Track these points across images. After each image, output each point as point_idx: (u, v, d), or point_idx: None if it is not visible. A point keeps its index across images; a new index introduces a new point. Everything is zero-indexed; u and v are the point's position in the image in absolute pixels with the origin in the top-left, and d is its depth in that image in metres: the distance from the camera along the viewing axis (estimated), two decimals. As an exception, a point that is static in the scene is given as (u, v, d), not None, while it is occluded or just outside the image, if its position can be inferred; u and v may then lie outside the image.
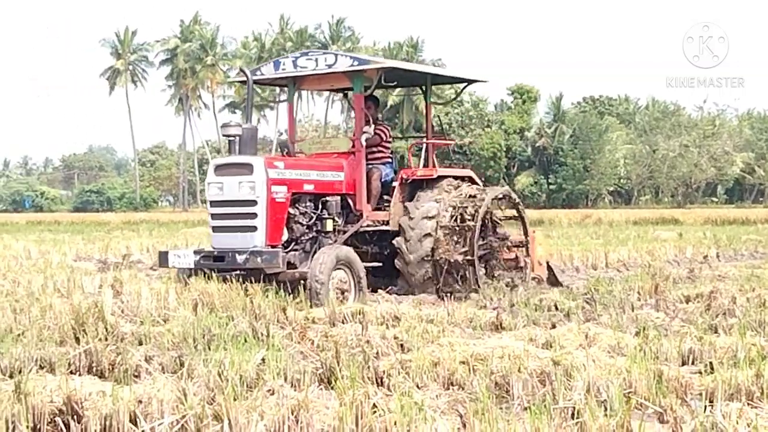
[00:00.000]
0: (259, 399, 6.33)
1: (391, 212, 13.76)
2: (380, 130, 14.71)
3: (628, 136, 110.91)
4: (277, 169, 12.26)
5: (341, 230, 13.23)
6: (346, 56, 13.67)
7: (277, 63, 14.04)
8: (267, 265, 11.67)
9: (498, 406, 6.06)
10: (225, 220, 12.43)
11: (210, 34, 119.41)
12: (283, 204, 12.26)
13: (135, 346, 8.94)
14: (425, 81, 15.75)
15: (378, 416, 5.82)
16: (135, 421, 6.19)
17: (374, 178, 13.95)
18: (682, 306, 12.13)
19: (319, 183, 13.11)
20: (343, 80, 14.10)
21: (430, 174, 14.28)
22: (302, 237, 12.80)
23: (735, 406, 6.10)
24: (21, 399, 6.56)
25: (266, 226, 12.00)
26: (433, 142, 16.04)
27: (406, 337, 9.18)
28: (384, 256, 13.96)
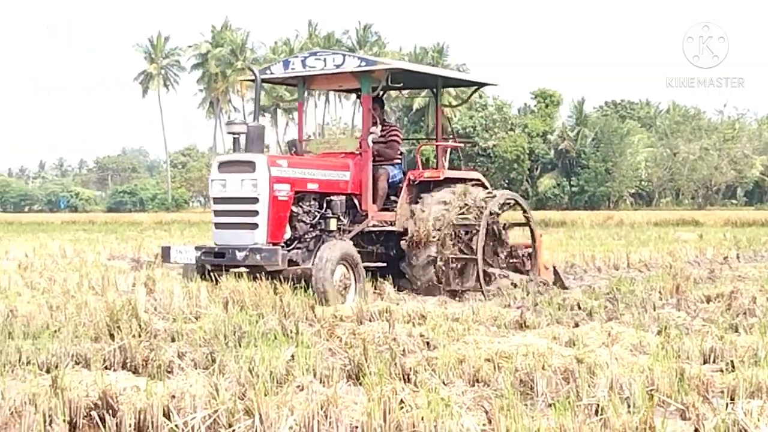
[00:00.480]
0: (288, 394, 6.34)
1: (398, 213, 13.66)
2: (394, 132, 14.69)
3: (649, 139, 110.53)
4: (280, 168, 12.15)
5: (346, 230, 13.13)
6: (354, 57, 13.58)
7: (286, 62, 13.97)
8: (266, 263, 11.60)
9: (523, 403, 6.05)
10: (227, 216, 12.35)
11: (240, 40, 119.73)
12: (285, 202, 12.18)
13: (168, 343, 8.97)
14: (436, 84, 15.64)
15: (405, 412, 5.82)
16: (168, 416, 6.22)
17: (381, 179, 13.83)
18: (702, 306, 12.09)
19: (324, 182, 13.00)
20: (351, 81, 14.00)
21: (437, 176, 14.16)
22: (305, 235, 12.72)
23: (756, 403, 6.07)
24: (58, 393, 6.60)
25: (268, 223, 11.91)
26: (443, 144, 15.98)
27: (432, 335, 9.18)
28: (390, 257, 13.90)
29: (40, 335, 9.20)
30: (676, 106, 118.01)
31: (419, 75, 14.69)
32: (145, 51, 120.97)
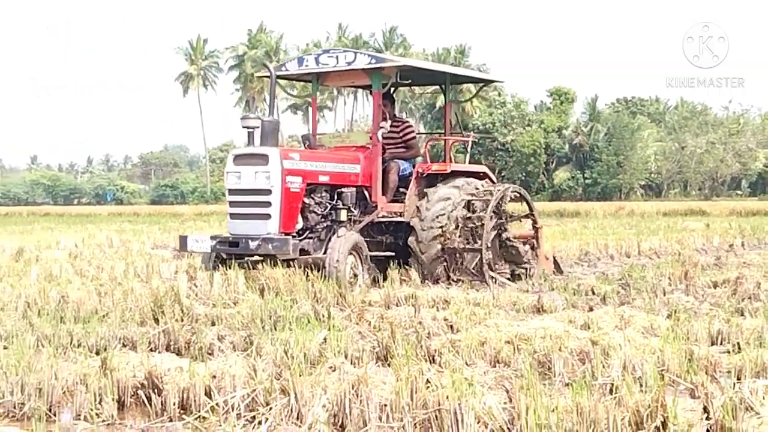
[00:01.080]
0: (322, 375, 6.36)
1: (406, 205, 13.53)
2: (408, 127, 14.62)
3: (658, 134, 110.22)
4: (292, 160, 12.02)
5: (357, 220, 13.00)
6: (365, 54, 13.44)
7: (300, 60, 13.79)
8: (278, 252, 11.52)
9: (541, 382, 6.04)
10: (241, 207, 12.22)
11: (274, 42, 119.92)
12: (297, 194, 12.05)
13: (208, 327, 9.01)
14: (444, 80, 15.50)
15: (431, 391, 5.82)
16: (210, 395, 6.25)
17: (392, 172, 13.72)
18: (710, 291, 12.06)
19: (335, 174, 12.87)
20: (362, 77, 13.87)
21: (444, 169, 14.02)
22: (317, 226, 12.61)
23: (762, 383, 6.05)
24: (107, 374, 6.65)
25: (280, 214, 11.78)
26: (451, 138, 16.00)
27: (455, 319, 9.18)
28: (398, 246, 13.71)
29: (89, 320, 9.24)
30: (684, 103, 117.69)
31: (427, 72, 14.62)
32: (185, 53, 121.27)
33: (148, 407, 6.33)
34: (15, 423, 5.87)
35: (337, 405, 5.92)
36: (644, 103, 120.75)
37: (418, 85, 16.12)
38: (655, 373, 6.25)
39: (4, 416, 6.25)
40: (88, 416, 6.16)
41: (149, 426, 5.97)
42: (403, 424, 5.67)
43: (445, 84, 15.57)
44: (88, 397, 6.31)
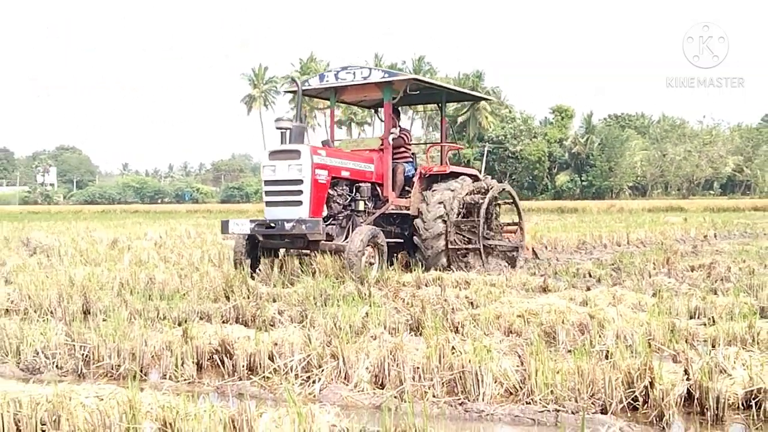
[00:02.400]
0: (365, 343, 6.37)
1: (412, 200, 13.28)
2: (404, 134, 14.18)
3: (643, 143, 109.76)
4: (321, 156, 11.80)
5: (371, 212, 12.81)
6: (379, 70, 13.13)
7: (322, 76, 13.56)
8: (309, 232, 11.23)
9: (547, 349, 6.04)
10: (276, 196, 11.87)
11: (323, 69, 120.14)
12: (324, 185, 11.82)
13: (270, 303, 9.03)
14: (441, 97, 15.05)
15: (456, 356, 5.83)
16: (272, 359, 6.28)
17: (399, 172, 13.51)
18: (688, 274, 11.99)
19: (354, 171, 12.64)
20: (375, 91, 13.47)
21: (444, 170, 13.76)
22: (339, 214, 12.42)
23: (732, 350, 6.03)
24: (187, 341, 6.70)
25: (310, 201, 11.54)
26: (448, 145, 15.50)
27: (475, 297, 9.16)
28: (404, 235, 13.50)
29: (172, 297, 9.30)
30: (665, 117, 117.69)
31: (430, 88, 13.96)
32: (249, 79, 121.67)
33: (222, 369, 6.38)
34: (113, 381, 5.91)
35: (377, 367, 5.94)
36: (631, 118, 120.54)
37: (420, 102, 15.99)
38: (643, 342, 6.23)
39: (104, 376, 6.31)
40: (172, 376, 6.23)
41: (222, 384, 6.01)
42: (432, 383, 5.68)
43: (441, 101, 15.20)
44: (172, 360, 6.36)
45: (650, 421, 5.05)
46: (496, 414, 5.19)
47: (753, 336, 6.73)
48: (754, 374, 5.42)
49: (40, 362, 6.58)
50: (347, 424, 4.52)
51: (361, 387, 5.78)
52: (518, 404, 5.33)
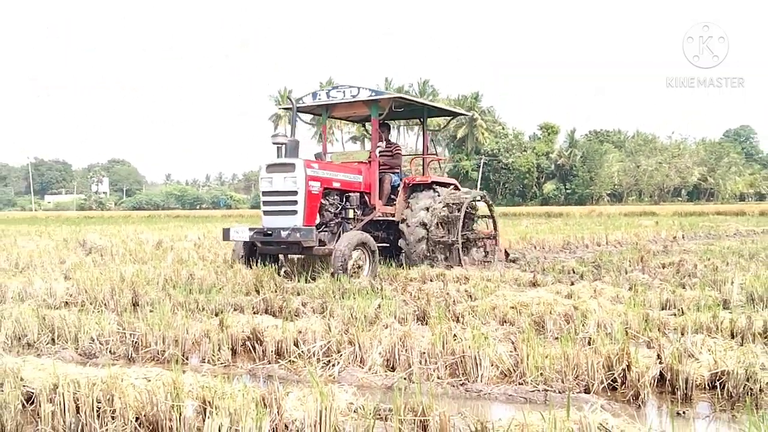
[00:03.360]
0: (377, 331, 6.37)
1: (397, 207, 13.02)
2: (397, 149, 13.98)
3: (620, 156, 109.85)
4: (313, 169, 11.53)
5: (360, 219, 12.50)
6: (366, 89, 12.63)
7: (315, 94, 13.12)
8: (303, 239, 10.96)
9: (537, 336, 6.03)
10: (273, 206, 11.56)
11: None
12: (317, 195, 11.53)
13: (295, 296, 9.04)
14: (422, 113, 14.47)
15: (457, 342, 5.83)
16: (297, 344, 6.30)
17: (386, 182, 13.24)
18: (659, 270, 11.96)
19: (344, 182, 12.30)
20: (363, 108, 13.16)
21: (426, 180, 13.45)
22: (331, 221, 12.09)
23: (699, 337, 6.02)
24: (223, 330, 6.71)
25: (304, 210, 11.26)
26: (428, 157, 14.88)
27: (473, 291, 9.15)
28: (390, 240, 13.20)
29: (210, 291, 9.32)
30: (639, 133, 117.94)
31: (413, 105, 13.57)
32: (275, 100, 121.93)
33: (253, 354, 6.40)
34: (159, 365, 5.93)
35: (388, 352, 5.95)
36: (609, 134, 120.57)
37: (404, 118, 15.34)
38: (621, 330, 6.22)
39: (151, 360, 6.33)
40: (210, 360, 6.24)
41: (254, 367, 6.02)
42: (437, 366, 5.69)
43: (423, 116, 14.63)
44: (210, 346, 6.38)
45: (627, 399, 5.05)
46: (492, 393, 5.20)
47: (717, 325, 6.71)
48: (718, 358, 5.41)
49: (96, 348, 6.61)
50: (363, 402, 4.53)
51: (374, 370, 5.78)
52: (512, 385, 5.33)
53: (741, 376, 5.15)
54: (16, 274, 11.75)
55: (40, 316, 7.40)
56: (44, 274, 11.49)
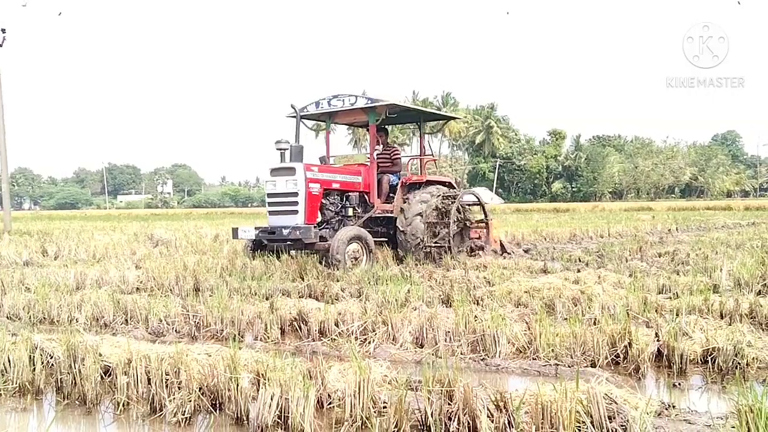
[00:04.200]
0: (407, 312, 6.37)
1: (395, 204, 12.56)
2: (395, 152, 13.49)
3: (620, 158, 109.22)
4: (313, 172, 11.25)
5: (360, 216, 12.18)
6: (364, 98, 12.26)
7: (318, 103, 12.60)
8: (303, 236, 10.68)
9: (548, 317, 5.99)
10: (277, 206, 11.32)
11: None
12: (317, 196, 11.26)
13: (335, 282, 9.06)
14: (419, 118, 14.05)
15: (478, 322, 5.82)
16: (338, 325, 6.31)
17: (384, 182, 12.85)
18: (656, 259, 11.85)
19: (344, 183, 12.00)
20: (361, 115, 12.78)
21: (421, 179, 13.08)
22: (332, 219, 11.85)
23: (692, 317, 5.98)
24: (273, 312, 6.74)
25: (305, 210, 11.02)
26: (425, 158, 14.43)
27: (491, 277, 9.12)
28: (389, 234, 12.79)
29: (261, 278, 9.37)
30: (637, 138, 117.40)
31: (408, 111, 13.09)
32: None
33: (299, 333, 6.43)
34: (218, 342, 5.97)
35: (417, 331, 5.95)
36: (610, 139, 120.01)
37: (402, 122, 14.82)
38: (623, 312, 6.18)
39: (211, 338, 6.37)
40: (262, 338, 6.28)
41: (300, 344, 6.04)
42: (460, 343, 5.68)
43: (419, 121, 14.27)
44: (262, 326, 6.42)
45: (629, 373, 5.01)
46: (509, 367, 5.18)
47: (708, 307, 6.64)
48: (709, 336, 5.37)
49: (163, 327, 6.68)
50: (395, 375, 4.54)
51: (405, 346, 5.79)
52: (526, 360, 5.31)
53: (730, 352, 5.11)
54: (94, 264, 11.90)
55: (115, 300, 7.49)
56: (118, 264, 11.65)
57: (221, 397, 4.26)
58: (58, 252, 14.65)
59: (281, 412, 3.98)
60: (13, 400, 4.64)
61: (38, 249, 14.99)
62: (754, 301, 6.68)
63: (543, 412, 3.64)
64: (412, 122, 14.27)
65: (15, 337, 5.42)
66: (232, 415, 4.15)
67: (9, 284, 9.16)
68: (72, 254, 14.27)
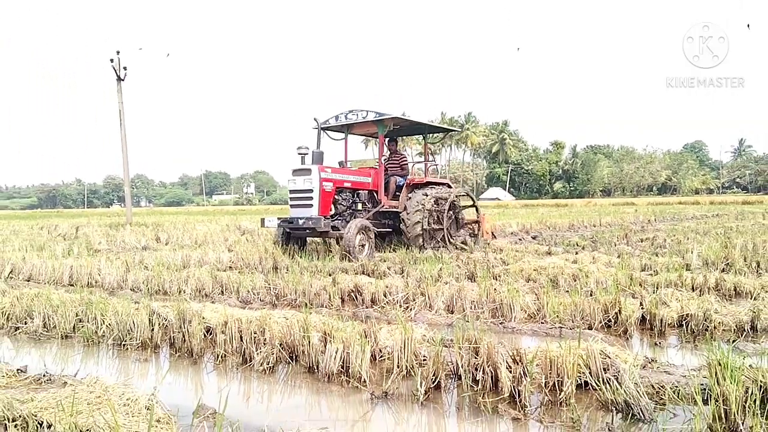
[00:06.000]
0: (440, 286, 6.36)
1: (400, 201, 12.08)
2: (403, 158, 13.05)
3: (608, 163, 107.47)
4: (327, 173, 10.82)
5: (369, 210, 11.74)
6: (373, 112, 11.73)
7: (337, 117, 12.08)
8: (316, 226, 10.29)
9: (553, 290, 5.94)
10: (296, 201, 10.89)
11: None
12: (330, 192, 10.85)
13: (382, 262, 9.07)
14: (423, 130, 13.30)
15: (497, 294, 5.78)
16: (385, 295, 6.31)
17: (392, 183, 12.40)
18: (639, 243, 11.62)
19: (354, 182, 11.54)
20: (372, 127, 12.16)
21: (422, 180, 12.46)
22: (344, 212, 11.42)
23: (669, 290, 5.87)
24: (335, 285, 6.76)
25: (319, 204, 10.60)
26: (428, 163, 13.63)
27: (506, 258, 9.06)
28: (394, 226, 12.30)
29: (325, 259, 9.44)
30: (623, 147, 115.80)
31: (412, 124, 12.45)
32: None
33: (356, 301, 6.43)
34: (293, 309, 6.01)
35: (449, 300, 5.93)
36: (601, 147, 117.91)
37: (408, 134, 13.88)
38: (614, 285, 6.09)
39: (287, 305, 6.42)
40: (327, 306, 6.30)
41: (356, 311, 6.05)
42: (483, 310, 5.65)
43: (423, 132, 13.55)
44: (326, 296, 6.44)
45: (619, 334, 4.94)
46: (522, 329, 5.15)
47: (682, 281, 6.51)
48: (683, 305, 5.27)
49: (251, 297, 6.75)
50: (432, 335, 4.54)
51: (439, 313, 5.78)
52: (536, 324, 5.27)
53: (700, 318, 5.01)
54: (196, 248, 12.09)
55: (213, 276, 7.60)
56: (214, 248, 11.81)
57: (297, 351, 4.31)
58: (168, 239, 14.92)
59: (343, 363, 4.01)
60: (137, 352, 4.76)
61: (153, 237, 15.29)
62: (719, 277, 6.55)
63: (551, 365, 3.61)
64: (418, 134, 13.82)
65: (138, 305, 5.54)
66: (305, 365, 4.20)
67: (132, 264, 9.37)
68: (179, 241, 14.52)
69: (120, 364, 4.44)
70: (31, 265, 9.10)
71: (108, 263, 9.07)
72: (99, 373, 4.14)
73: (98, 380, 3.61)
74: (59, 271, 8.62)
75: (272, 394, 3.75)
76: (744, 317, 5.03)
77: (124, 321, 5.04)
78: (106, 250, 12.43)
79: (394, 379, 3.87)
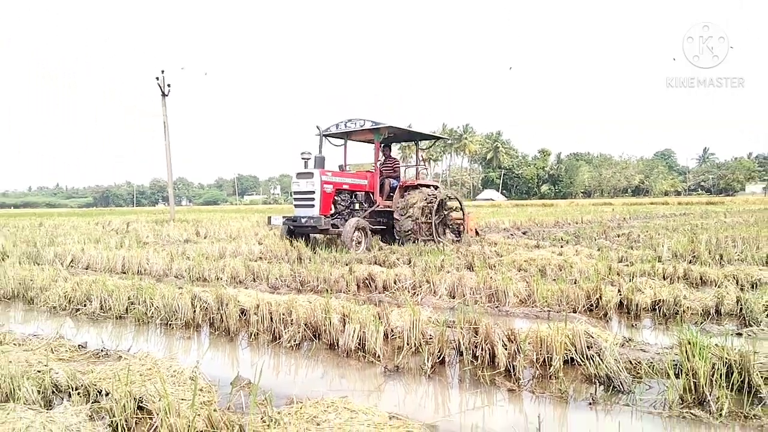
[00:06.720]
0: (443, 274, 6.34)
1: (394, 202, 11.80)
2: (397, 163, 12.67)
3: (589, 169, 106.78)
4: (327, 176, 10.58)
5: (365, 209, 11.50)
6: (369, 121, 11.34)
7: (337, 125, 11.68)
8: (317, 224, 10.08)
9: (542, 278, 5.92)
10: (300, 201, 10.65)
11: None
12: (330, 194, 10.59)
13: (392, 254, 9.04)
14: (415, 137, 12.84)
15: (493, 281, 5.76)
16: (395, 282, 6.30)
17: (387, 185, 12.11)
18: (616, 238, 11.52)
19: (352, 185, 11.25)
20: (369, 134, 11.83)
21: (413, 183, 12.15)
22: (343, 211, 11.12)
23: (644, 279, 5.83)
24: (351, 274, 6.75)
25: (320, 204, 10.37)
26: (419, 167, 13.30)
27: (500, 251, 9.02)
28: (388, 224, 11.95)
29: (347, 252, 9.42)
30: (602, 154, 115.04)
31: (405, 132, 11.93)
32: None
33: (370, 288, 6.43)
34: (316, 294, 5.97)
35: (451, 287, 5.91)
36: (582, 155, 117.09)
37: (402, 141, 13.28)
38: (595, 275, 6.05)
39: (311, 291, 6.40)
40: (344, 291, 6.29)
41: (370, 296, 6.03)
42: (480, 296, 5.63)
43: (416, 140, 13.17)
44: (344, 283, 6.43)
45: (600, 317, 4.90)
46: (515, 312, 5.13)
47: (654, 271, 6.46)
48: (656, 292, 5.23)
49: (279, 283, 6.75)
50: (437, 317, 4.53)
51: (442, 298, 5.77)
52: (527, 307, 5.24)
53: (671, 303, 4.97)
54: (230, 241, 12.13)
55: (246, 265, 7.62)
56: (246, 241, 11.84)
57: (319, 330, 4.32)
58: (206, 233, 14.98)
59: (360, 341, 4.01)
60: (181, 331, 4.78)
61: (193, 231, 15.36)
62: (687, 268, 6.49)
63: (541, 343, 3.60)
64: (410, 140, 13.42)
65: (181, 290, 5.57)
66: (327, 342, 4.21)
67: (175, 255, 9.41)
68: (215, 235, 14.57)
69: (167, 341, 4.46)
70: (88, 255, 9.17)
71: (155, 254, 9.11)
72: (149, 348, 4.17)
73: (149, 355, 3.64)
74: (113, 261, 8.68)
75: (298, 368, 3.76)
76: (709, 302, 5.00)
77: (170, 304, 5.07)
78: (153, 243, 12.49)
79: (405, 355, 3.87)
